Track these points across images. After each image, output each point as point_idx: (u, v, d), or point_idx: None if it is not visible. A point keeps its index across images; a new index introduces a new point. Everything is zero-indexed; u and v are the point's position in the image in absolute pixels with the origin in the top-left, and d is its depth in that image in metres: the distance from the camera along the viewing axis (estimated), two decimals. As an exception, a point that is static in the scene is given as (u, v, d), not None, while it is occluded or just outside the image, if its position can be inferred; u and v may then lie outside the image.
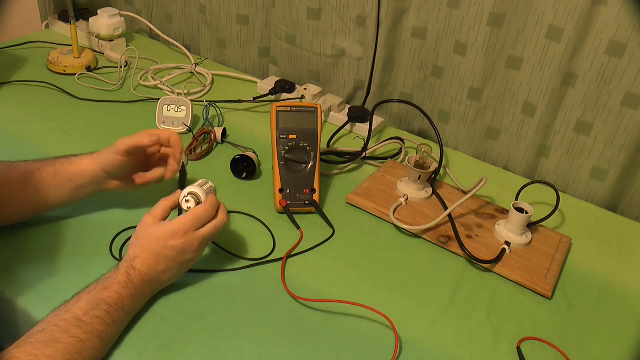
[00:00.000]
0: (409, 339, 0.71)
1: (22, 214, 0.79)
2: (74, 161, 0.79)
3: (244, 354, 0.67)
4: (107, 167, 0.78)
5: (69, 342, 0.58)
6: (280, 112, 0.90)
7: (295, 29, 1.23)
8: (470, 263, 0.85)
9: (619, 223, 0.99)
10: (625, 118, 0.96)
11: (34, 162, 0.78)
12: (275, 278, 0.78)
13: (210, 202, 0.72)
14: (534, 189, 0.93)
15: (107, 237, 0.81)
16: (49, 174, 0.77)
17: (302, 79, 1.30)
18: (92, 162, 0.79)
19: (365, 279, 0.80)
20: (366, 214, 0.93)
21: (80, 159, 0.79)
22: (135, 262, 0.68)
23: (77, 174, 0.78)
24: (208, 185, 0.77)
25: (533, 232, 0.89)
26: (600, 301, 0.81)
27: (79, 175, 0.78)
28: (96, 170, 0.78)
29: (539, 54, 1.00)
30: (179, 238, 0.68)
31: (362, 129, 1.15)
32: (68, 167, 0.78)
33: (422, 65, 1.16)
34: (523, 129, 1.08)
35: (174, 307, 0.71)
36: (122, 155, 0.77)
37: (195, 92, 1.24)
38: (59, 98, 1.16)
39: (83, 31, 1.38)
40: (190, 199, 0.72)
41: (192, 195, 0.73)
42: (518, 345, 0.72)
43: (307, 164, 0.91)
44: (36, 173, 0.76)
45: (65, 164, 0.78)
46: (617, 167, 1.00)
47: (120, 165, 0.78)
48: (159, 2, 1.44)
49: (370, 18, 1.12)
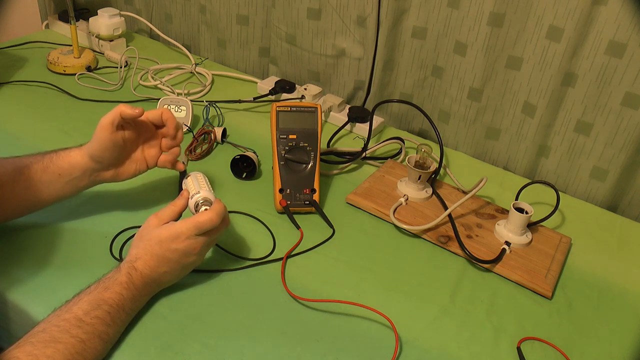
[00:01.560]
0: (409, 339, 0.71)
1: (14, 213, 0.77)
2: (62, 155, 0.76)
3: (244, 354, 0.67)
4: (96, 153, 0.74)
5: (69, 342, 0.58)
6: (280, 112, 0.90)
7: (295, 29, 1.23)
8: (470, 263, 0.85)
9: (619, 223, 0.99)
10: (625, 118, 0.96)
11: (24, 158, 0.76)
12: (275, 278, 0.78)
13: (216, 211, 0.69)
14: (534, 189, 0.94)
15: (107, 237, 0.81)
16: (37, 171, 0.74)
17: (302, 79, 1.30)
18: (81, 153, 0.75)
19: (365, 279, 0.80)
20: (366, 214, 0.93)
21: (68, 152, 0.76)
22: (137, 263, 0.67)
23: (66, 169, 0.75)
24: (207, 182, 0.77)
25: (533, 232, 0.89)
26: (600, 301, 0.82)
27: (68, 169, 0.75)
28: (86, 162, 0.75)
29: (539, 54, 1.00)
30: (181, 242, 0.68)
31: (362, 129, 1.15)
32: (57, 162, 0.75)
33: (422, 65, 1.16)
34: (523, 129, 1.08)
35: (174, 307, 0.71)
36: (110, 131, 0.73)
37: (195, 92, 1.24)
38: (59, 98, 1.16)
39: (83, 31, 1.38)
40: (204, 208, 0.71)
41: (206, 204, 0.72)
42: (518, 345, 0.72)
43: (307, 164, 0.91)
44: (25, 170, 0.74)
45: (54, 159, 0.75)
46: (617, 167, 1.00)
47: (109, 145, 0.74)
48: (159, 2, 1.44)
49: (370, 18, 1.12)
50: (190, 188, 0.75)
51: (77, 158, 0.75)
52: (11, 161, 0.76)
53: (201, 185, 0.75)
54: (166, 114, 0.77)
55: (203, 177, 0.77)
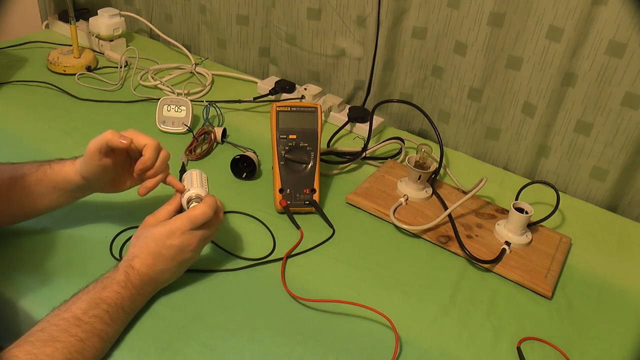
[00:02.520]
0: (409, 339, 0.71)
1: (10, 220, 0.77)
2: (56, 169, 0.74)
3: (244, 354, 0.67)
4: (87, 175, 0.72)
5: (68, 341, 0.58)
6: (280, 112, 0.90)
7: (295, 29, 1.23)
8: (470, 263, 0.85)
9: (619, 223, 0.99)
10: (625, 118, 0.96)
11: (18, 167, 0.75)
12: (275, 278, 0.78)
13: (208, 204, 0.70)
14: (534, 189, 0.94)
15: (107, 237, 0.81)
16: (32, 182, 0.73)
17: (302, 79, 1.30)
18: (74, 170, 0.73)
19: (365, 279, 0.80)
20: (366, 214, 0.93)
21: (62, 166, 0.74)
22: (134, 261, 0.68)
23: (60, 182, 0.74)
24: (205, 181, 0.77)
25: (533, 232, 0.89)
26: (600, 301, 0.81)
27: (62, 184, 0.74)
28: (79, 179, 0.73)
29: (539, 54, 1.00)
30: (176, 237, 0.68)
31: (362, 129, 1.15)
32: (50, 175, 0.74)
33: (422, 65, 1.16)
34: (523, 129, 1.08)
35: (174, 307, 0.71)
36: (97, 159, 0.70)
37: (195, 92, 1.24)
38: (59, 98, 1.16)
39: (83, 31, 1.38)
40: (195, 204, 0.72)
41: (197, 200, 0.73)
42: (518, 345, 0.72)
43: (307, 164, 0.91)
44: (19, 181, 0.73)
45: (48, 172, 0.73)
46: (617, 167, 1.00)
47: (99, 170, 0.71)
48: (159, 2, 1.44)
49: (370, 18, 1.12)
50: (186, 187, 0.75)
51: (70, 174, 0.73)
52: (7, 169, 0.75)
53: (194, 182, 0.75)
54: (148, 148, 0.71)
55: (198, 175, 0.77)
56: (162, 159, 0.73)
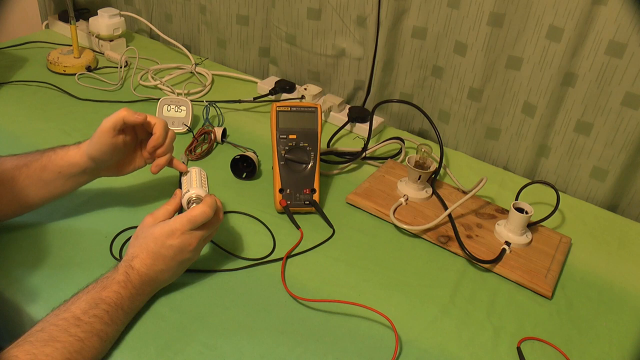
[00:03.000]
0: (409, 339, 0.71)
1: (13, 211, 0.78)
2: (61, 154, 0.75)
3: (244, 354, 0.67)
4: (96, 155, 0.74)
5: (68, 341, 0.58)
6: (280, 112, 0.90)
7: (295, 29, 1.23)
8: (470, 263, 0.85)
9: (619, 223, 0.99)
10: (625, 118, 0.96)
11: (22, 156, 0.76)
12: (275, 278, 0.78)
13: (208, 204, 0.70)
14: (534, 189, 0.93)
15: (107, 237, 0.81)
16: (37, 169, 0.74)
17: (302, 79, 1.30)
18: (80, 153, 0.75)
19: (365, 279, 0.80)
20: (366, 214, 0.93)
21: (66, 151, 0.76)
22: (134, 261, 0.68)
23: (65, 167, 0.75)
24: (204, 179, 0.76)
25: (533, 232, 0.89)
26: (600, 301, 0.81)
27: (68, 168, 0.75)
28: (85, 161, 0.75)
29: (539, 54, 1.00)
30: (176, 237, 0.68)
31: (362, 129, 1.15)
32: (55, 160, 0.75)
33: (422, 65, 1.16)
34: (523, 129, 1.08)
35: (174, 307, 0.71)
36: (111, 136, 0.73)
37: (195, 92, 1.24)
38: (59, 98, 1.16)
39: (83, 31, 1.38)
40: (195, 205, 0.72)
41: (197, 201, 0.72)
42: (518, 345, 0.72)
43: (307, 164, 0.91)
44: (24, 169, 0.74)
45: (53, 158, 0.75)
46: (617, 167, 1.00)
47: (109, 149, 0.74)
48: (159, 2, 1.44)
49: (370, 18, 1.12)
50: (183, 187, 0.76)
51: (76, 157, 0.75)
52: (10, 159, 0.76)
53: (193, 182, 0.75)
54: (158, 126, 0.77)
55: (198, 174, 0.77)
56: (171, 138, 0.79)
